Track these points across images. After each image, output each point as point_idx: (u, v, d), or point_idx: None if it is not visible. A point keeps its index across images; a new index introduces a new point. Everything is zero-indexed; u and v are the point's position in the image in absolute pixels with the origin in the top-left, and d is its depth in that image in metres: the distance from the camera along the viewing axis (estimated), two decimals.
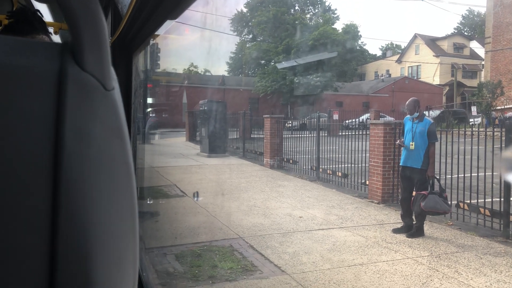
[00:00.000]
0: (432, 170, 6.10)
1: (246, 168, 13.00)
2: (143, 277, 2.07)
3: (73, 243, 0.37)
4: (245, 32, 43.93)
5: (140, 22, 1.44)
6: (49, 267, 0.36)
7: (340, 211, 7.48)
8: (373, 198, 8.35)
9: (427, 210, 5.82)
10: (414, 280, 4.50)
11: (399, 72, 48.84)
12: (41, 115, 0.36)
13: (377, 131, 8.33)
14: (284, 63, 34.49)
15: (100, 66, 0.39)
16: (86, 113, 0.38)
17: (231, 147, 17.09)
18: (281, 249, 5.44)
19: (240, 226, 6.39)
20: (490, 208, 6.23)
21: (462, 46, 47.06)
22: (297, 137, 13.51)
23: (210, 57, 35.39)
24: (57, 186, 0.36)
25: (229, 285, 4.39)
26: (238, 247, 5.50)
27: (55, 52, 0.38)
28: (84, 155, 0.37)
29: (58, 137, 0.36)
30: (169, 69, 30.04)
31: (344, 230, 6.25)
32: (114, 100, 0.41)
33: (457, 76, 39.11)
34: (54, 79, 0.37)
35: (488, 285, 4.37)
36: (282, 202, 8.12)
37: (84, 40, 0.38)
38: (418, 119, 6.22)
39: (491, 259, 5.10)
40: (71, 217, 0.37)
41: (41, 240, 0.36)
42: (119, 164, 0.41)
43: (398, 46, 62.36)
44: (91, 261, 0.38)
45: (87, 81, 0.38)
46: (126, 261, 0.43)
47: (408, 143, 6.20)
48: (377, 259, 5.11)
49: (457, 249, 5.49)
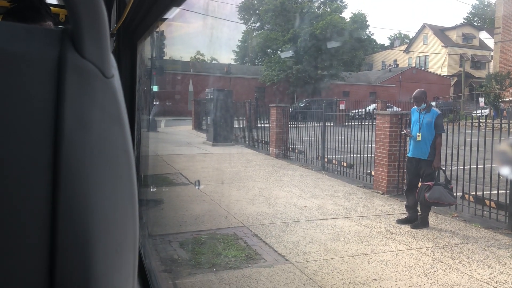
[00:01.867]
0: (438, 161, 6.07)
1: (252, 157, 13.02)
2: (146, 264, 2.08)
3: (72, 230, 0.37)
4: (252, 20, 43.67)
5: (145, 9, 1.43)
6: (49, 253, 0.36)
7: (345, 201, 7.49)
8: (378, 189, 8.35)
9: (431, 201, 5.81)
10: (417, 271, 4.50)
11: (407, 62, 48.44)
12: (41, 102, 0.36)
13: (383, 122, 8.30)
14: (290, 52, 34.30)
15: (99, 53, 0.39)
16: (85, 100, 0.38)
17: (237, 136, 17.10)
18: (285, 238, 5.46)
19: (245, 214, 6.42)
20: (496, 200, 6.21)
21: (471, 36, 46.52)
22: (303, 127, 13.47)
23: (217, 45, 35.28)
24: (57, 172, 0.36)
25: (233, 272, 4.42)
26: (243, 235, 5.53)
27: (54, 39, 0.38)
28: (84, 142, 0.37)
29: (57, 124, 0.36)
30: (175, 57, 29.99)
31: (348, 220, 6.26)
32: (114, 88, 0.40)
33: (465, 67, 38.72)
34: (53, 66, 0.37)
35: (492, 277, 4.37)
36: (287, 192, 8.14)
37: (83, 27, 0.37)
38: (425, 110, 6.18)
39: (495, 251, 5.10)
40: (70, 204, 0.37)
41: (41, 227, 0.36)
42: (119, 152, 0.41)
43: (406, 36, 61.86)
44: (90, 248, 0.38)
45: (87, 68, 0.38)
46: (126, 248, 0.44)
47: (415, 134, 6.17)
48: (381, 250, 5.12)
49: (461, 240, 5.49)
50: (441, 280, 4.28)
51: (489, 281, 4.27)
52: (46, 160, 0.36)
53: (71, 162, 0.37)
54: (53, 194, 0.36)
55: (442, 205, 6.01)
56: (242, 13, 42.72)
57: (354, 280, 4.27)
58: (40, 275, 0.36)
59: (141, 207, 3.72)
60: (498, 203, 6.14)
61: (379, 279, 4.29)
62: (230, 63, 41.82)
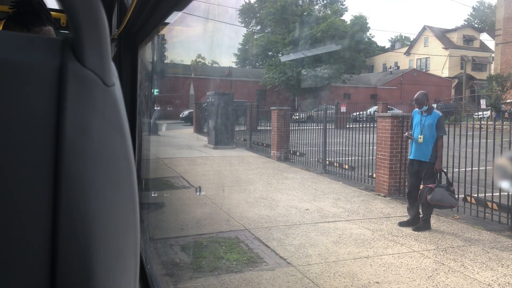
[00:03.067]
0: (440, 164, 6.07)
1: (253, 160, 13.02)
2: (147, 269, 2.08)
3: (73, 237, 0.37)
4: (253, 23, 43.75)
5: (146, 14, 1.44)
6: (50, 260, 0.36)
7: (347, 203, 7.48)
8: (379, 191, 8.34)
9: (433, 203, 5.80)
10: (419, 273, 4.49)
11: (408, 64, 48.46)
12: (42, 111, 0.36)
13: (384, 124, 8.29)
14: (292, 55, 34.33)
15: (100, 62, 0.39)
16: (86, 108, 0.38)
17: (238, 139, 17.10)
18: (287, 241, 5.46)
19: (246, 218, 6.41)
20: (498, 202, 6.19)
21: (472, 38, 46.53)
22: (304, 130, 13.48)
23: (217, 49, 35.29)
24: (57, 180, 0.36)
25: (235, 276, 4.42)
26: (244, 238, 5.53)
27: (55, 48, 0.38)
28: (85, 149, 0.38)
29: (59, 132, 0.36)
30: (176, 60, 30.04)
31: (350, 223, 6.26)
32: (115, 96, 0.41)
33: (466, 69, 38.70)
34: (54, 75, 0.37)
35: (494, 279, 4.36)
36: (288, 195, 8.13)
37: (84, 35, 0.38)
38: (426, 112, 6.17)
39: (497, 253, 5.08)
40: (71, 210, 0.37)
41: (42, 233, 0.36)
42: (120, 159, 0.42)
43: (407, 38, 61.93)
44: (91, 254, 0.38)
45: (88, 77, 0.38)
46: (127, 255, 0.44)
47: (416, 136, 6.17)
48: (383, 252, 5.11)
49: (463, 243, 5.48)
50: (444, 283, 4.27)
51: (491, 284, 4.26)
52: (48, 168, 0.36)
53: (72, 170, 0.37)
54: (54, 201, 0.36)
55: (444, 207, 6.00)
56: (243, 16, 42.81)
57: (356, 283, 4.26)
58: (42, 281, 0.37)
59: (143, 210, 3.72)
60: (500, 205, 6.13)
61: (381, 282, 4.28)
62: (231, 66, 41.88)
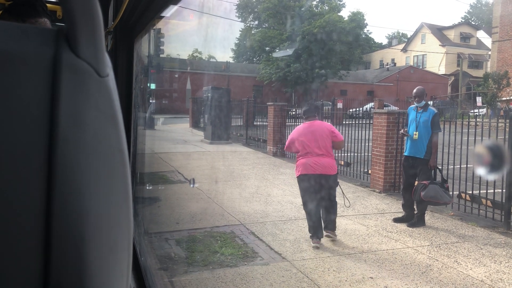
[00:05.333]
0: (435, 160, 6.09)
1: (249, 155, 13.02)
2: (141, 262, 2.08)
3: (67, 228, 0.37)
4: (250, 18, 43.63)
5: (142, 7, 1.43)
6: (43, 252, 0.36)
7: (342, 199, 7.48)
8: (375, 187, 8.37)
9: (427, 199, 5.82)
10: (413, 269, 4.52)
11: (405, 61, 48.52)
12: (35, 101, 0.36)
13: (380, 121, 8.31)
14: (288, 51, 34.28)
15: (94, 53, 0.39)
16: (80, 99, 0.38)
17: (235, 134, 17.09)
18: (282, 236, 5.47)
19: (242, 212, 6.42)
20: (492, 199, 6.23)
21: (469, 35, 46.61)
22: None
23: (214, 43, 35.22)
24: (51, 171, 0.36)
25: (230, 270, 4.43)
26: (239, 233, 5.54)
27: (49, 38, 0.38)
28: (78, 140, 0.38)
29: (52, 123, 0.36)
30: (173, 54, 29.93)
31: (345, 219, 6.28)
32: (109, 87, 0.41)
33: (463, 66, 38.80)
34: (48, 65, 0.37)
35: (487, 275, 4.39)
36: (284, 190, 8.14)
37: (78, 26, 0.38)
38: (422, 108, 6.19)
39: (491, 250, 5.12)
40: (65, 202, 0.37)
41: (35, 224, 0.36)
42: (114, 151, 0.42)
43: (404, 35, 61.92)
44: (85, 246, 0.38)
45: (82, 67, 0.38)
46: (121, 247, 0.44)
47: (411, 132, 6.18)
48: (378, 248, 5.14)
49: (457, 239, 5.51)
50: (437, 279, 4.30)
51: (484, 280, 4.29)
52: (41, 159, 0.36)
53: (65, 161, 0.37)
54: (48, 192, 0.36)
55: (438, 204, 6.03)
56: (240, 11, 42.69)
57: (351, 278, 4.29)
58: (35, 273, 0.37)
59: (138, 204, 3.72)
60: (494, 202, 6.16)
61: (375, 277, 4.30)
62: (228, 61, 41.79)
